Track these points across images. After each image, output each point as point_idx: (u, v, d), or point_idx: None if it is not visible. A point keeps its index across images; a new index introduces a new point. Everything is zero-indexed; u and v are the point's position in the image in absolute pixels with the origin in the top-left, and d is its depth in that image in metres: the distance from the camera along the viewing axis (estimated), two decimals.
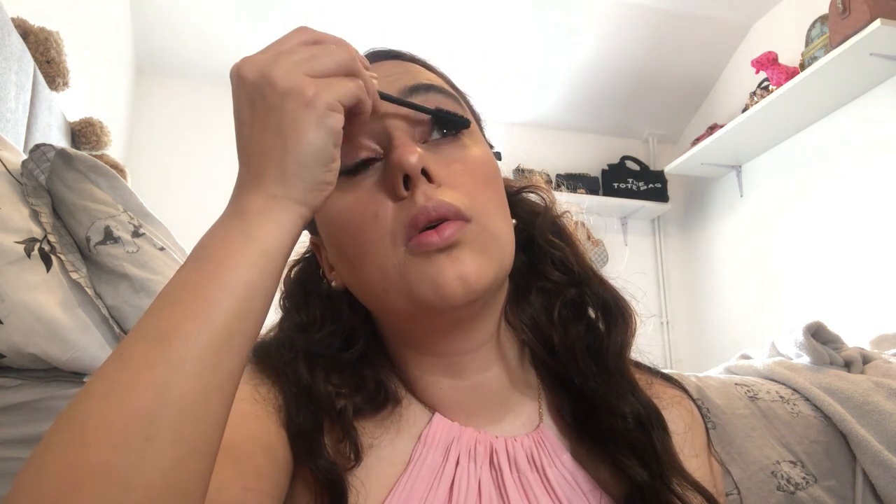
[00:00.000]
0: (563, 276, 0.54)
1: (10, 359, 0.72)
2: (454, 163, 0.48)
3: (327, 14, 2.49)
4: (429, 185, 0.45)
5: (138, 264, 0.78)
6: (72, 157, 0.79)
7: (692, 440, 0.54)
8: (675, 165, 2.89)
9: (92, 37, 1.92)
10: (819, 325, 1.23)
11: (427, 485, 0.47)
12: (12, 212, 0.75)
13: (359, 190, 0.47)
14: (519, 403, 0.54)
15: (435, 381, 0.52)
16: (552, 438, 0.52)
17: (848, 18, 2.00)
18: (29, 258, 0.73)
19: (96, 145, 1.61)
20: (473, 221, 0.46)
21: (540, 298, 0.54)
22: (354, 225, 0.46)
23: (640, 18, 2.66)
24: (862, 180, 2.23)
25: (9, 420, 0.72)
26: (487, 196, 0.48)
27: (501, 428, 0.52)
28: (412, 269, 0.45)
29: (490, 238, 0.46)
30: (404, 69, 0.51)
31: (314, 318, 0.54)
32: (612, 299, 0.54)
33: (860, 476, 1.01)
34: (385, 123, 0.47)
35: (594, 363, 0.52)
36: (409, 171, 0.44)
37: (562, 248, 0.55)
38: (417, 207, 0.44)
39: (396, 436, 0.51)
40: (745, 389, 1.09)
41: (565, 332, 0.53)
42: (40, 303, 0.71)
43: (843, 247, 2.29)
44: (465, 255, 0.45)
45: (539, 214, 0.57)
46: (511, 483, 0.48)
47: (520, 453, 0.50)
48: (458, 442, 0.50)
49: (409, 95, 0.48)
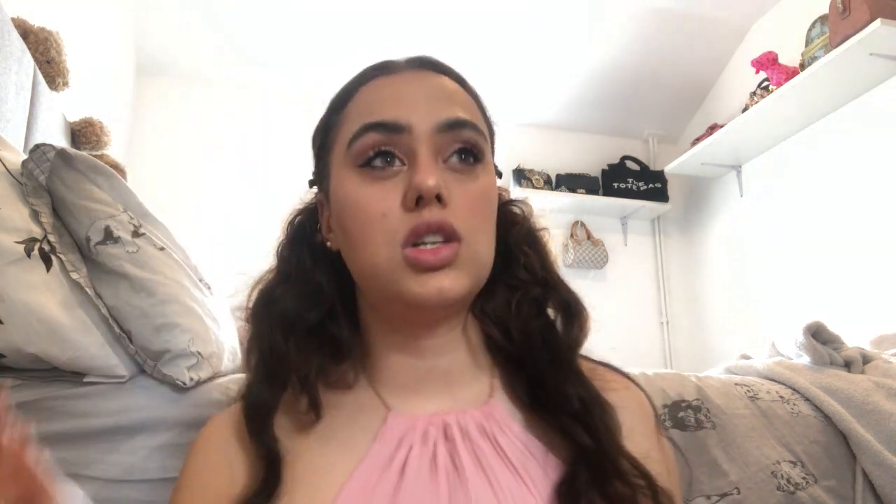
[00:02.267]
0: (529, 276, 0.61)
1: (10, 359, 0.72)
2: (462, 190, 0.54)
3: (335, 12, 2.49)
4: (437, 205, 0.52)
5: (138, 264, 0.78)
6: (72, 157, 0.79)
7: (642, 416, 0.60)
8: (675, 165, 2.89)
9: (92, 37, 1.92)
10: (819, 325, 1.23)
11: (379, 473, 0.52)
12: (12, 212, 0.75)
13: (377, 187, 0.53)
14: (472, 382, 0.60)
15: (396, 360, 0.59)
16: (501, 410, 0.57)
17: (848, 18, 2.00)
18: (29, 258, 0.73)
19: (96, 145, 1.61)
20: (464, 242, 0.52)
21: (505, 293, 0.61)
22: (363, 216, 0.53)
23: (640, 19, 2.66)
24: (862, 180, 2.23)
25: None
26: (481, 221, 0.55)
27: (453, 402, 0.58)
28: (402, 271, 0.52)
29: (475, 258, 0.54)
30: (444, 92, 0.57)
31: (302, 269, 0.61)
32: (572, 302, 0.61)
33: (860, 476, 1.01)
34: (416, 145, 0.53)
35: (547, 353, 0.58)
36: (426, 194, 0.51)
37: (529, 255, 0.62)
38: (422, 219, 0.51)
39: (352, 423, 0.57)
40: (745, 389, 1.09)
41: (525, 324, 0.59)
42: (40, 303, 0.71)
43: (842, 246, 2.29)
44: (451, 274, 0.52)
45: (517, 224, 0.64)
46: (465, 452, 0.53)
47: (471, 424, 0.55)
48: (411, 433, 0.55)
49: (445, 131, 0.54)
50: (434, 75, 0.58)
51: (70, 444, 0.72)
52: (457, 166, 0.55)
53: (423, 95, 0.55)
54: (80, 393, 0.74)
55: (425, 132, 0.53)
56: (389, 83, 0.57)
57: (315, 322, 0.59)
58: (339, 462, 0.53)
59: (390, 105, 0.55)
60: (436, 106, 0.55)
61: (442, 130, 0.54)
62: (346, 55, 2.62)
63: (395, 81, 0.57)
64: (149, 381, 0.78)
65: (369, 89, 0.57)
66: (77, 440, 0.73)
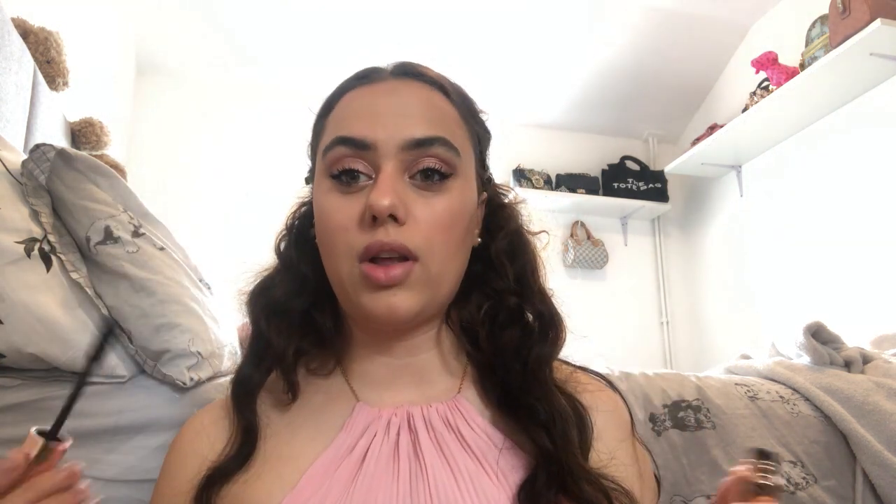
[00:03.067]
0: (504, 286, 0.62)
1: (10, 359, 0.72)
2: (427, 207, 0.55)
3: (335, 12, 2.49)
4: (393, 224, 0.53)
5: (138, 264, 0.78)
6: (72, 157, 0.79)
7: (616, 419, 0.61)
8: (675, 165, 2.89)
9: (92, 37, 1.92)
10: (819, 325, 1.23)
11: (340, 461, 0.54)
12: (12, 212, 0.75)
13: (343, 200, 0.55)
14: (442, 379, 0.61)
15: (369, 357, 0.61)
16: (467, 405, 0.58)
17: (848, 18, 2.00)
18: (29, 258, 0.73)
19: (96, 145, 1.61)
20: (420, 262, 0.54)
21: (478, 300, 0.62)
22: (330, 227, 0.56)
23: (641, 18, 2.66)
24: (862, 180, 2.23)
25: (9, 420, 0.72)
26: (443, 240, 0.55)
27: (421, 397, 0.59)
28: (358, 285, 0.54)
29: (429, 279, 0.55)
30: (418, 106, 0.57)
31: (290, 261, 0.63)
32: (549, 314, 0.61)
33: (860, 476, 1.01)
34: (380, 158, 0.54)
35: (518, 364, 0.58)
36: (378, 214, 0.52)
37: (506, 266, 0.62)
38: (375, 238, 0.53)
39: (324, 409, 0.59)
40: (745, 389, 1.09)
41: (499, 332, 0.60)
42: (40, 303, 0.71)
43: (842, 246, 2.29)
44: (401, 292, 0.53)
45: (501, 231, 0.64)
46: (427, 442, 0.54)
47: (435, 416, 0.57)
48: (375, 423, 0.56)
49: (410, 149, 0.55)
50: (414, 86, 0.59)
51: None
52: (421, 184, 0.55)
53: (396, 109, 0.56)
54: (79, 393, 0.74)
55: (391, 149, 0.54)
56: (366, 94, 0.58)
57: (300, 310, 0.62)
58: (307, 448, 0.55)
59: (361, 120, 0.56)
60: (407, 122, 0.56)
61: (409, 148, 0.55)
62: (345, 55, 2.62)
63: (372, 93, 0.58)
64: (149, 381, 0.78)
65: (348, 99, 0.59)
66: (77, 440, 0.72)
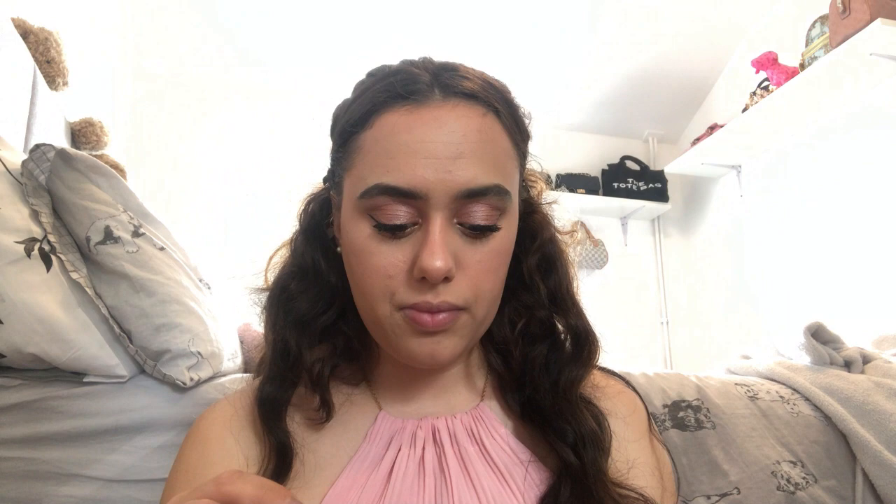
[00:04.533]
0: (536, 301, 0.60)
1: (10, 359, 0.72)
2: (474, 252, 0.52)
3: (337, 13, 2.49)
4: (442, 283, 0.50)
5: (138, 264, 0.78)
6: (72, 157, 0.79)
7: (634, 425, 0.60)
8: (675, 165, 2.89)
9: (92, 37, 1.92)
10: (819, 325, 1.23)
11: (367, 474, 0.53)
12: (12, 212, 0.75)
13: (387, 245, 0.51)
14: (464, 389, 0.61)
15: (394, 367, 0.60)
16: (489, 415, 0.58)
17: (848, 18, 2.00)
18: (29, 258, 0.73)
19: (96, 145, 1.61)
20: (467, 311, 0.52)
21: (510, 314, 0.60)
22: (370, 270, 0.51)
23: (641, 18, 2.66)
24: (862, 180, 2.23)
25: (9, 420, 0.72)
26: (490, 285, 0.53)
27: (444, 407, 0.58)
28: (397, 328, 0.52)
29: (475, 325, 0.53)
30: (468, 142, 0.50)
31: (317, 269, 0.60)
32: (584, 331, 0.59)
33: (860, 476, 1.01)
34: (430, 208, 0.49)
35: (548, 381, 0.57)
36: (431, 278, 0.49)
37: (539, 285, 0.60)
38: (423, 298, 0.50)
39: (346, 418, 0.57)
40: (745, 389, 1.09)
41: (528, 346, 0.58)
42: (40, 303, 0.71)
43: (843, 247, 2.29)
44: (445, 339, 0.51)
45: (532, 249, 0.61)
46: (452, 456, 0.53)
47: (459, 428, 0.56)
48: (400, 434, 0.55)
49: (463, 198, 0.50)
50: (465, 112, 0.51)
51: (70, 444, 0.72)
52: (470, 233, 0.52)
53: (447, 151, 0.49)
54: (80, 393, 0.74)
55: (443, 199, 0.49)
56: (412, 126, 0.50)
57: (329, 323, 0.60)
58: (331, 458, 0.55)
59: (408, 162, 0.49)
60: (458, 166, 0.49)
61: (461, 198, 0.50)
62: (347, 56, 2.62)
63: (419, 124, 0.50)
64: (149, 381, 0.78)
65: (390, 126, 0.51)
66: (77, 440, 0.73)
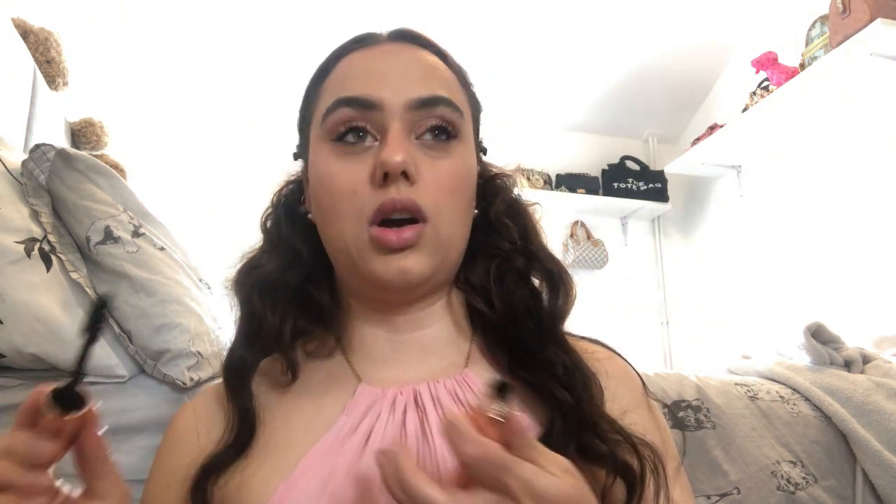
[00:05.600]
0: (510, 246, 0.61)
1: (10, 359, 0.72)
2: (433, 168, 0.54)
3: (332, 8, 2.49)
4: (404, 182, 0.52)
5: (138, 264, 0.78)
6: (72, 157, 0.79)
7: (629, 388, 0.59)
8: (675, 165, 2.89)
9: (92, 37, 1.92)
10: (819, 326, 1.23)
11: (343, 441, 0.51)
12: (12, 212, 0.75)
13: (349, 163, 0.54)
14: (448, 352, 0.59)
15: (371, 333, 0.59)
16: (475, 378, 0.56)
17: (848, 18, 2.00)
18: (29, 258, 0.73)
19: (96, 145, 1.61)
20: (429, 223, 0.53)
21: (485, 262, 0.61)
22: (335, 191, 0.54)
23: (641, 18, 2.66)
24: (862, 180, 2.23)
25: (9, 420, 0.71)
26: (450, 203, 0.54)
27: (427, 373, 0.56)
28: (366, 251, 0.52)
29: (440, 241, 0.54)
30: (421, 68, 0.56)
31: (281, 235, 0.61)
32: (557, 272, 0.61)
33: (860, 476, 1.01)
34: (386, 118, 0.53)
35: (532, 322, 0.57)
36: (392, 171, 0.51)
37: (509, 226, 0.61)
38: (388, 196, 0.51)
39: (325, 392, 0.56)
40: (745, 389, 1.09)
41: (508, 293, 0.58)
42: (40, 303, 0.71)
43: (842, 247, 2.29)
44: (413, 255, 0.52)
45: (498, 196, 0.63)
46: (435, 420, 0.52)
47: (443, 392, 0.54)
48: (380, 401, 0.54)
49: (417, 108, 0.54)
50: (414, 48, 0.58)
51: None
52: (429, 143, 0.54)
53: (399, 70, 0.55)
54: None
55: (398, 109, 0.53)
56: (366, 57, 0.57)
57: (294, 285, 0.59)
58: (306, 432, 0.53)
59: (364, 80, 0.55)
60: (410, 82, 0.55)
61: (415, 108, 0.54)
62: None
63: (372, 55, 0.57)
64: (149, 381, 0.78)
65: (346, 63, 0.58)
66: None
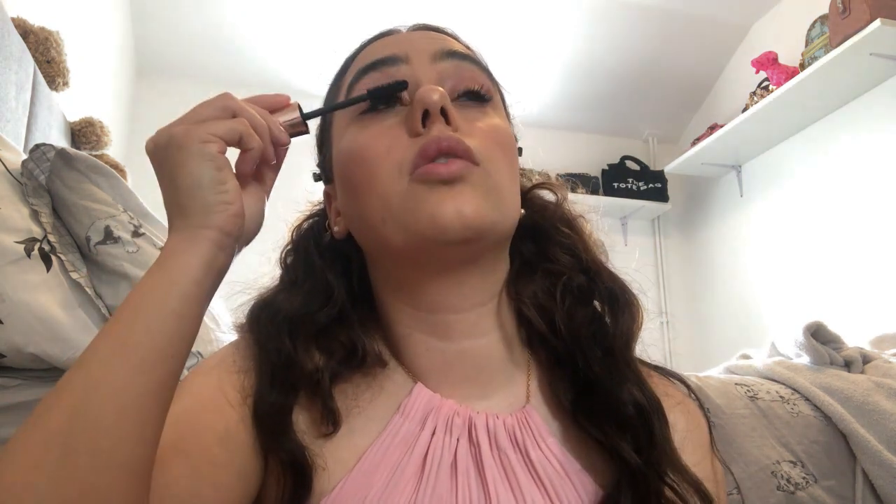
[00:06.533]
0: (571, 260, 0.55)
1: (10, 359, 0.72)
2: (474, 122, 0.49)
3: (333, 12, 2.49)
4: (445, 126, 0.47)
5: (138, 264, 0.78)
6: (72, 157, 0.79)
7: (695, 439, 0.54)
8: (675, 165, 2.89)
9: (92, 37, 1.92)
10: (819, 325, 1.23)
11: (400, 453, 0.47)
12: (12, 212, 0.75)
13: (378, 125, 0.49)
14: (507, 381, 0.53)
15: (422, 341, 0.52)
16: (538, 420, 0.50)
17: (848, 18, 2.00)
18: (29, 258, 0.73)
19: (96, 145, 1.61)
20: (481, 166, 0.47)
21: (545, 279, 0.54)
22: (366, 155, 0.48)
23: (641, 18, 2.66)
24: (862, 180, 2.23)
25: (9, 420, 0.72)
26: (499, 155, 0.49)
27: (485, 404, 0.51)
28: (414, 196, 0.46)
29: (494, 186, 0.47)
30: (443, 38, 0.55)
31: (311, 268, 0.55)
32: (621, 291, 0.55)
33: (860, 476, 1.01)
34: (416, 74, 0.50)
35: (599, 349, 0.51)
36: (430, 106, 0.46)
37: (570, 237, 0.56)
38: (430, 137, 0.46)
39: (374, 402, 0.50)
40: (745, 389, 1.09)
41: (569, 315, 0.52)
42: (40, 303, 0.71)
43: (843, 247, 2.29)
44: (466, 191, 0.45)
45: (550, 206, 0.59)
46: (490, 460, 0.47)
47: (500, 431, 0.49)
48: (436, 413, 0.49)
49: (444, 59, 0.51)
50: (434, 34, 0.57)
51: None
52: (465, 103, 0.51)
53: (422, 38, 0.54)
54: None
55: (426, 60, 0.51)
56: (385, 40, 0.55)
57: (325, 324, 0.51)
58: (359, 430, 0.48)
59: (386, 49, 0.53)
60: (436, 41, 0.54)
61: (442, 58, 0.51)
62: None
63: (390, 40, 0.55)
64: None
65: (365, 52, 0.56)
66: None
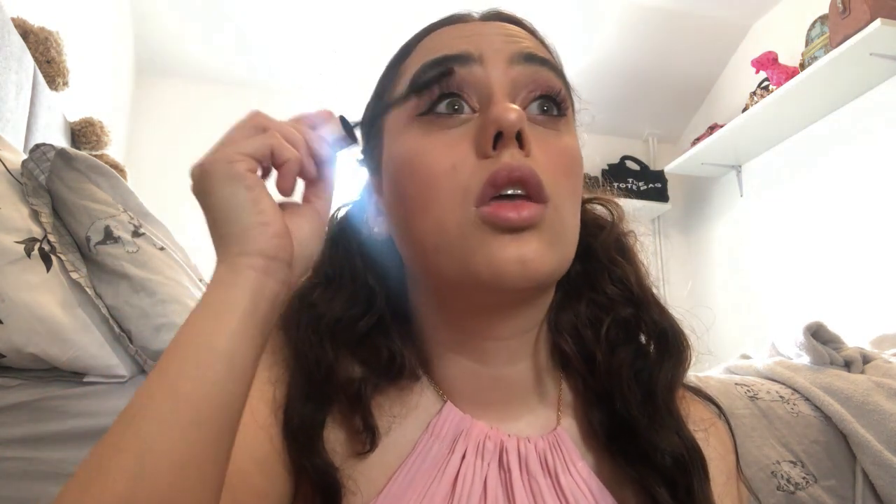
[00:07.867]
0: (619, 292, 0.51)
1: (10, 359, 0.72)
2: (545, 145, 0.45)
3: (338, 10, 2.49)
4: (518, 150, 0.42)
5: (138, 264, 0.78)
6: (72, 157, 0.79)
7: (724, 471, 0.52)
8: (675, 165, 2.89)
9: (92, 37, 1.92)
10: (819, 325, 1.23)
11: (430, 476, 0.45)
12: (12, 212, 0.75)
13: (442, 135, 0.44)
14: (538, 405, 0.51)
15: (457, 363, 0.49)
16: (569, 444, 0.49)
17: (848, 18, 2.00)
18: (29, 258, 0.73)
19: (96, 145, 1.61)
20: (550, 204, 0.42)
21: (589, 310, 0.51)
22: (426, 171, 0.43)
23: (641, 18, 2.66)
24: (862, 180, 2.23)
25: (9, 420, 0.72)
26: (567, 185, 0.45)
27: (516, 426, 0.49)
28: (475, 235, 0.41)
29: (560, 228, 0.44)
30: (523, 37, 0.49)
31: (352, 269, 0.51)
32: (671, 329, 0.51)
33: (860, 476, 1.01)
34: (490, 79, 0.44)
35: (640, 391, 0.49)
36: (506, 128, 0.41)
37: (623, 266, 0.52)
38: (501, 164, 0.41)
39: (405, 418, 0.48)
40: (745, 389, 1.09)
41: (612, 352, 0.49)
42: (40, 303, 0.72)
43: (843, 247, 2.29)
44: (533, 240, 0.41)
45: (604, 228, 0.54)
46: (519, 485, 0.46)
47: (531, 455, 0.47)
48: (466, 435, 0.47)
49: (521, 63, 0.46)
50: (515, 28, 0.50)
51: (70, 444, 0.72)
52: (537, 118, 0.46)
53: (498, 34, 0.47)
54: (80, 393, 0.74)
55: (500, 63, 0.45)
56: (457, 28, 0.48)
57: (364, 332, 0.49)
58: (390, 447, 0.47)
59: (457, 42, 0.46)
60: (512, 39, 0.47)
61: (519, 62, 0.45)
62: (347, 54, 2.62)
63: (465, 26, 0.48)
64: None
65: (434, 36, 0.49)
66: (77, 440, 0.73)
